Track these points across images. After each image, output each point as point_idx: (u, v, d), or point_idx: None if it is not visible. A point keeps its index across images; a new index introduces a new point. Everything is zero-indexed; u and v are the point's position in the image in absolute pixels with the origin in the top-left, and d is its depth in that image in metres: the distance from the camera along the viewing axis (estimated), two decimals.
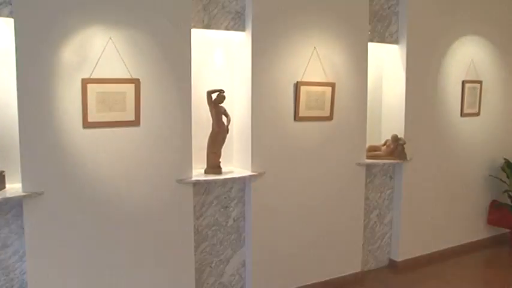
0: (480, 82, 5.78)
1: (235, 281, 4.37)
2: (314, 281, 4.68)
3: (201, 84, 4.09)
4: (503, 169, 6.01)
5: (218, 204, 4.21)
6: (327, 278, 4.76)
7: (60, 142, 3.35)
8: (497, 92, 6.02)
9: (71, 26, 3.32)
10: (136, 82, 3.56)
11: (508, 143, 6.18)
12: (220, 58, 4.28)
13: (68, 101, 3.35)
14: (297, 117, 4.34)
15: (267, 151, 4.25)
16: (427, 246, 5.55)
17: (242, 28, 4.12)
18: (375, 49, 5.07)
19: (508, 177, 5.96)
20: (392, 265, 5.34)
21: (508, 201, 6.02)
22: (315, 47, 4.39)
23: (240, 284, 4.39)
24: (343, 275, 4.86)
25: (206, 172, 4.06)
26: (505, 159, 6.02)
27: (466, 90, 5.65)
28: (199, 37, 4.05)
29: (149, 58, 3.63)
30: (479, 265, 5.67)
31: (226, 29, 4.06)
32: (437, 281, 5.04)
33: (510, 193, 5.97)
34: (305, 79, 4.33)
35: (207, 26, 3.98)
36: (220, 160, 4.10)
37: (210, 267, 4.24)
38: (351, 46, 4.64)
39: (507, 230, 6.15)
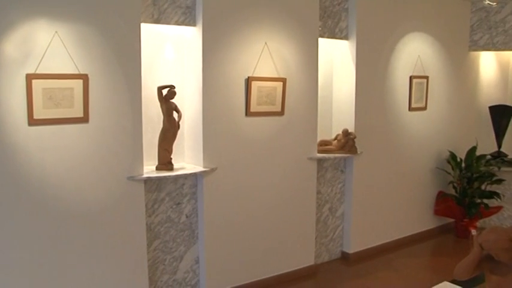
0: (427, 77, 5.95)
1: (189, 277, 4.35)
2: (268, 275, 4.71)
3: (151, 80, 4.04)
4: (448, 161, 6.22)
5: (170, 200, 4.17)
6: (281, 272, 4.80)
7: (4, 140, 3.23)
8: (443, 87, 6.22)
9: (13, 19, 3.20)
10: (84, 78, 3.48)
11: (452, 136, 6.40)
12: (171, 53, 4.23)
13: (12, 97, 3.23)
14: (248, 113, 4.35)
15: (219, 147, 4.24)
16: (378, 237, 5.68)
17: (193, 23, 4.09)
18: (325, 45, 5.13)
19: (452, 169, 6.18)
20: (345, 257, 5.44)
21: (453, 192, 6.24)
22: (265, 43, 4.41)
23: (194, 280, 4.38)
24: (296, 268, 4.91)
25: (157, 169, 4.02)
26: (450, 151, 6.23)
27: (414, 85, 5.81)
28: (150, 32, 4.00)
29: (97, 53, 3.54)
30: (427, 254, 5.86)
31: (177, 23, 4.02)
32: (388, 271, 5.17)
33: (455, 184, 6.19)
34: (256, 74, 4.34)
35: (157, 21, 3.93)
36: (172, 156, 4.06)
37: (164, 264, 4.20)
38: (302, 41, 4.69)
39: (452, 220, 6.37)
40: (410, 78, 5.75)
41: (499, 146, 6.61)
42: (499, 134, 6.59)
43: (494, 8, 6.35)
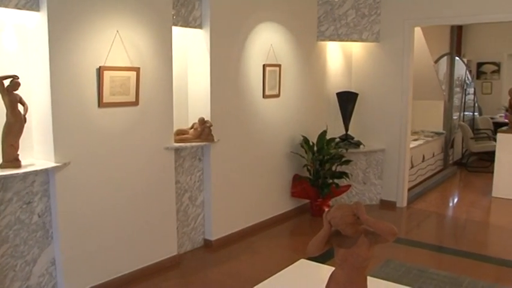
0: (279, 66, 6.19)
1: (45, 281, 4.07)
2: (131, 270, 4.60)
3: None
4: (301, 145, 6.55)
5: (19, 200, 3.86)
6: (144, 265, 4.72)
7: None
8: (294, 75, 6.52)
9: None
10: None
11: (304, 121, 6.75)
12: (13, 41, 3.89)
13: None
14: (101, 104, 4.17)
15: (71, 140, 4.02)
16: (239, 222, 5.83)
17: (36, 7, 3.78)
18: (180, 33, 5.10)
19: (306, 152, 6.52)
20: (208, 244, 5.50)
21: (307, 174, 6.60)
22: (117, 31, 4.25)
23: (51, 283, 4.12)
24: (160, 260, 4.86)
25: (2, 167, 3.68)
26: (303, 136, 6.55)
27: (267, 73, 6.01)
28: None
29: None
30: (286, 234, 6.15)
31: (17, 7, 3.67)
32: (250, 254, 5.34)
33: (309, 167, 6.55)
34: (108, 64, 4.17)
35: None
36: (19, 152, 3.76)
37: (14, 270, 3.88)
38: (155, 30, 4.60)
39: (308, 200, 6.75)
40: (264, 66, 5.94)
41: (346, 129, 7.14)
42: (346, 118, 7.11)
43: (338, 2, 6.81)
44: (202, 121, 5.09)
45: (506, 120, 9.04)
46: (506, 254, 5.38)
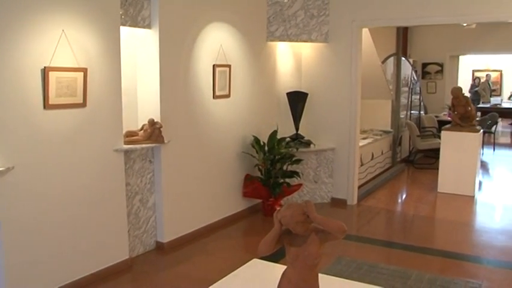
0: (229, 66, 6.18)
1: None
2: (81, 275, 4.49)
3: None
4: (252, 145, 6.56)
5: None
6: (95, 270, 4.61)
7: None
8: (244, 75, 6.53)
9: None
10: None
11: (255, 121, 6.76)
12: None
13: None
14: (46, 106, 4.04)
15: (15, 144, 3.87)
16: (191, 224, 5.79)
17: None
18: (129, 34, 5.02)
19: (257, 152, 6.54)
20: (160, 247, 5.43)
21: (259, 174, 6.63)
22: (63, 30, 4.13)
23: None
24: (111, 264, 4.77)
25: None
26: (253, 136, 6.57)
27: (217, 73, 5.99)
28: None
29: None
30: (239, 234, 6.16)
31: None
32: (203, 255, 5.31)
33: (260, 167, 6.58)
34: (54, 64, 4.05)
35: None
36: None
37: None
38: (103, 30, 4.50)
39: (260, 200, 6.77)
40: (214, 66, 5.92)
41: (297, 128, 7.21)
42: (296, 118, 7.19)
43: (287, 2, 6.88)
44: (152, 122, 5.03)
45: (450, 119, 9.36)
46: (449, 246, 5.59)
